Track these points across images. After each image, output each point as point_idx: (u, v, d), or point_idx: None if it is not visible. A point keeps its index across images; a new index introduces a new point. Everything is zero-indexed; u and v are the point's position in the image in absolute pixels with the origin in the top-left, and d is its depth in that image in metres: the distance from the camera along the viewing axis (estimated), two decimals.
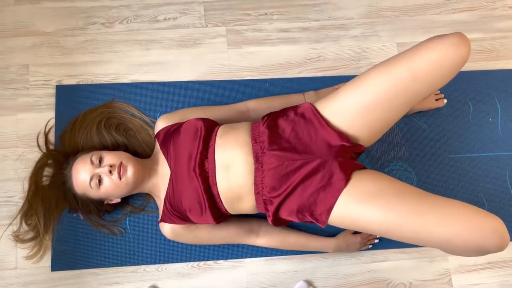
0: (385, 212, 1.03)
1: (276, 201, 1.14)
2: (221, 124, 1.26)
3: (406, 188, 1.08)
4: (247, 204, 1.19)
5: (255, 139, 1.17)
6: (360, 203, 1.06)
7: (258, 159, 1.14)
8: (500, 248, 0.96)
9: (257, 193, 1.16)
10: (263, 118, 1.23)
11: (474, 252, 0.99)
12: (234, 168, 1.15)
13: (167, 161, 1.25)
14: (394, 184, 1.09)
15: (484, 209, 1.47)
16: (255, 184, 1.15)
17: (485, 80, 1.59)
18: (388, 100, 1.08)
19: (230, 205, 1.20)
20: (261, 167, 1.14)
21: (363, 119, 1.11)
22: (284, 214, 1.17)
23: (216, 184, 1.17)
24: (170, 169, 1.24)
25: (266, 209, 1.18)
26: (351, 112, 1.12)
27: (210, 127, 1.23)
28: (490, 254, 1.44)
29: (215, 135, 1.20)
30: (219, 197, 1.18)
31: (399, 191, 1.06)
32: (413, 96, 1.09)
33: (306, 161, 1.12)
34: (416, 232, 1.01)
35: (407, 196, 1.04)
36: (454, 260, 1.46)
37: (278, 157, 1.13)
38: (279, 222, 1.21)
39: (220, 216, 1.23)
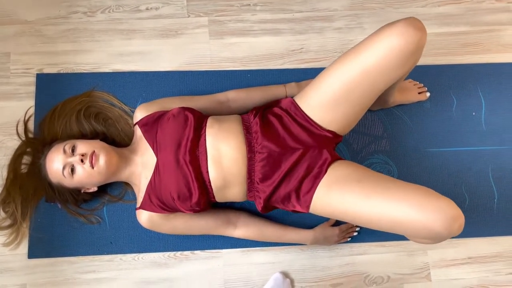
0: (344, 196, 1.09)
1: (268, 190, 1.19)
2: (209, 116, 1.29)
3: (369, 173, 1.13)
4: (237, 192, 1.23)
5: (247, 130, 1.21)
6: (327, 189, 1.13)
7: (251, 149, 1.19)
8: (449, 229, 0.95)
9: (249, 182, 1.20)
10: (251, 111, 1.26)
11: (427, 236, 0.99)
12: (227, 157, 1.19)
13: (153, 149, 1.25)
14: (360, 171, 1.14)
15: (465, 203, 1.48)
16: (248, 173, 1.19)
17: (469, 73, 1.57)
18: (345, 96, 1.12)
19: (219, 193, 1.23)
20: (254, 156, 1.19)
21: (330, 114, 1.17)
22: (273, 202, 1.22)
23: (208, 172, 1.19)
24: (156, 157, 1.23)
25: (258, 197, 1.22)
26: (319, 107, 1.17)
27: (199, 117, 1.25)
28: (471, 250, 1.45)
29: (205, 125, 1.23)
30: (210, 185, 1.20)
31: (362, 177, 1.11)
32: (370, 89, 1.11)
33: (294, 151, 1.18)
34: (368, 215, 1.04)
35: (365, 181, 1.08)
36: (434, 254, 1.45)
37: (270, 148, 1.18)
38: (268, 209, 1.26)
39: (206, 203, 1.24)
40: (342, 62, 1.10)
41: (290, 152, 1.18)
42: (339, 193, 1.10)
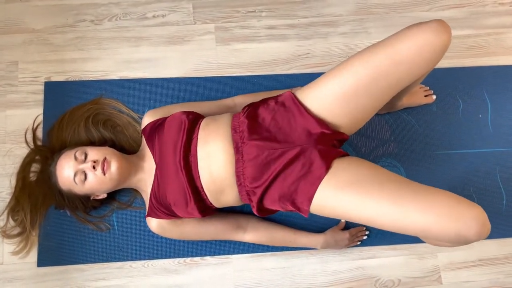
0: (363, 200, 1.02)
1: (259, 191, 1.13)
2: (205, 117, 1.26)
3: (387, 175, 1.07)
4: (231, 196, 1.19)
5: (235, 130, 1.16)
6: (339, 191, 1.05)
7: (238, 150, 1.14)
8: (480, 235, 0.94)
9: (239, 184, 1.15)
10: (243, 108, 1.22)
11: (455, 241, 0.97)
12: (214, 159, 1.15)
13: (153, 155, 1.25)
14: (375, 171, 1.08)
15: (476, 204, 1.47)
16: (237, 175, 1.15)
17: (475, 76, 1.58)
18: (367, 88, 1.07)
19: (214, 198, 1.20)
20: (242, 157, 1.13)
21: (343, 107, 1.11)
22: (267, 204, 1.16)
23: (199, 177, 1.16)
24: (155, 163, 1.23)
25: (250, 200, 1.17)
26: (330, 99, 1.11)
27: (194, 120, 1.23)
28: (481, 252, 1.45)
29: (198, 127, 1.20)
30: (203, 190, 1.18)
31: (379, 178, 1.05)
32: (393, 84, 1.08)
33: (286, 150, 1.11)
34: (394, 220, 1.00)
35: (386, 183, 1.03)
36: (444, 257, 1.45)
37: (258, 147, 1.12)
38: (264, 212, 1.21)
39: (206, 209, 1.22)
40: (370, 51, 1.07)
41: (282, 151, 1.11)
42: (352, 195, 1.03)
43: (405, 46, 1.03)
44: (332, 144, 1.16)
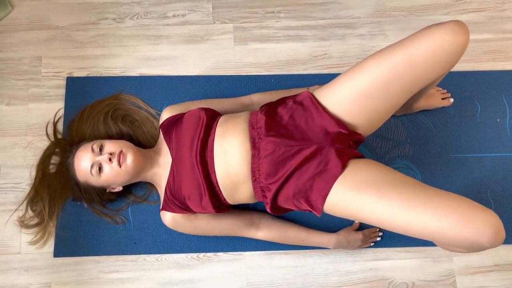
0: (378, 201, 1.02)
1: (274, 188, 1.14)
2: (223, 114, 1.28)
3: (403, 178, 1.06)
4: (245, 192, 1.20)
5: (252, 126, 1.18)
6: (353, 191, 1.05)
7: (255, 146, 1.15)
8: (494, 243, 0.93)
9: (254, 180, 1.16)
10: (261, 106, 1.23)
11: (468, 247, 0.96)
12: (231, 155, 1.16)
13: (169, 149, 1.27)
14: (390, 173, 1.07)
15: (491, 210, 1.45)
16: (252, 171, 1.15)
17: (493, 80, 1.57)
18: (384, 88, 1.07)
19: (229, 194, 1.21)
20: (258, 153, 1.14)
21: (360, 107, 1.11)
22: (281, 201, 1.16)
23: (214, 172, 1.18)
24: (172, 157, 1.25)
25: (264, 197, 1.18)
26: (348, 99, 1.11)
27: (212, 116, 1.25)
28: (497, 257, 1.42)
29: (216, 124, 1.22)
30: (218, 186, 1.19)
31: (395, 181, 1.04)
32: (410, 85, 1.08)
33: (303, 147, 1.11)
34: (408, 224, 0.99)
35: (401, 187, 1.02)
36: (459, 261, 1.43)
37: (275, 143, 1.13)
38: (277, 210, 1.21)
39: (220, 205, 1.23)
40: (384, 54, 1.07)
41: (299, 149, 1.11)
42: (367, 196, 1.03)
43: (421, 46, 1.03)
44: (348, 144, 1.16)
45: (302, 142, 1.12)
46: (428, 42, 1.02)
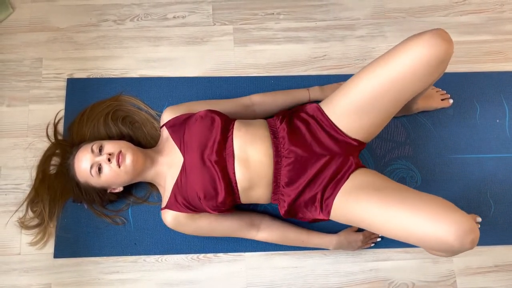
0: (361, 204, 1.10)
1: (293, 194, 1.21)
2: (236, 119, 1.31)
3: (389, 183, 1.14)
4: (262, 194, 1.25)
5: (274, 135, 1.24)
6: (346, 196, 1.16)
7: (278, 153, 1.21)
8: (462, 243, 0.94)
9: (275, 185, 1.23)
10: (277, 116, 1.29)
11: (439, 248, 0.98)
12: (254, 159, 1.21)
13: (180, 149, 1.27)
14: (380, 180, 1.16)
15: (491, 211, 1.46)
16: (274, 176, 1.21)
17: (492, 81, 1.58)
18: (374, 102, 1.13)
19: (245, 194, 1.25)
20: (280, 161, 1.21)
21: (358, 122, 1.18)
22: (297, 206, 1.24)
23: (234, 173, 1.21)
24: (183, 157, 1.26)
25: (282, 200, 1.24)
26: (347, 115, 1.18)
27: (226, 120, 1.27)
28: (497, 257, 1.42)
29: (232, 127, 1.26)
30: (236, 186, 1.22)
31: (381, 186, 1.12)
32: (397, 98, 1.12)
33: (320, 157, 1.20)
34: (383, 223, 1.05)
35: (383, 190, 1.09)
36: (459, 262, 1.43)
37: (296, 153, 1.20)
38: (290, 214, 1.27)
39: (232, 204, 1.27)
40: (370, 70, 1.12)
41: (316, 158, 1.20)
42: (357, 200, 1.12)
43: (400, 63, 1.05)
44: (356, 154, 1.25)
45: (320, 152, 1.21)
46: (406, 58, 1.04)
